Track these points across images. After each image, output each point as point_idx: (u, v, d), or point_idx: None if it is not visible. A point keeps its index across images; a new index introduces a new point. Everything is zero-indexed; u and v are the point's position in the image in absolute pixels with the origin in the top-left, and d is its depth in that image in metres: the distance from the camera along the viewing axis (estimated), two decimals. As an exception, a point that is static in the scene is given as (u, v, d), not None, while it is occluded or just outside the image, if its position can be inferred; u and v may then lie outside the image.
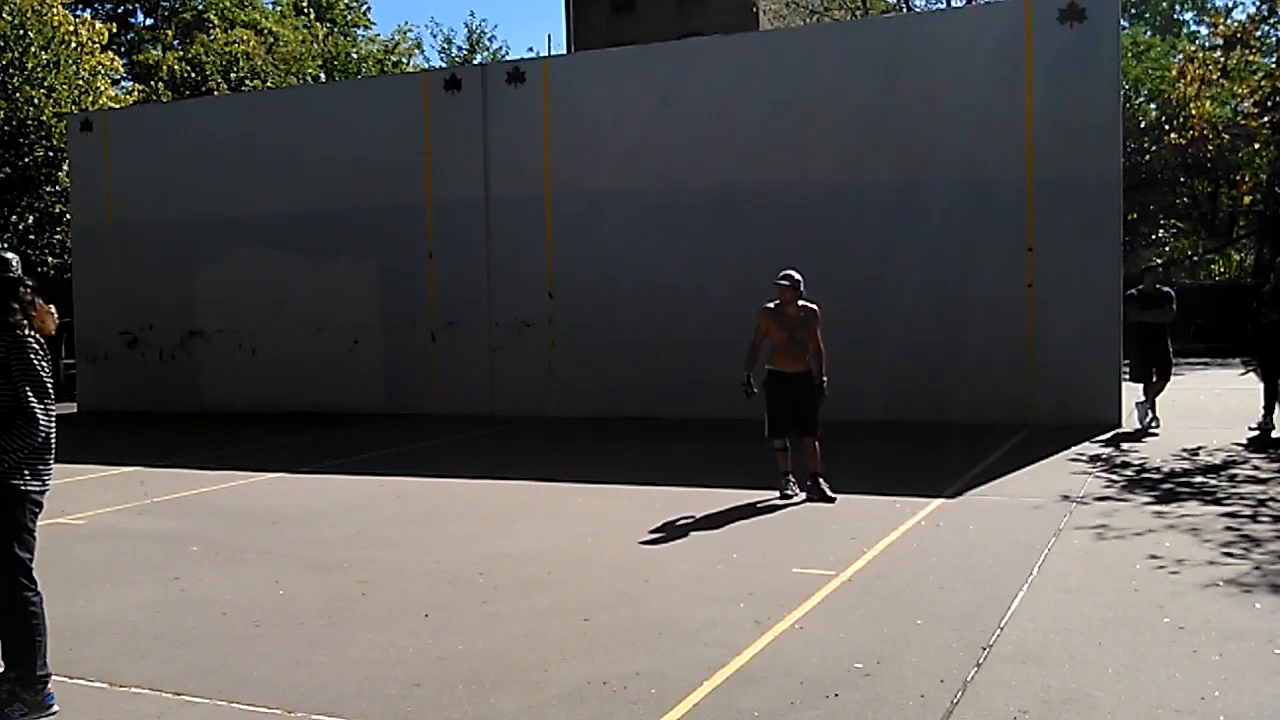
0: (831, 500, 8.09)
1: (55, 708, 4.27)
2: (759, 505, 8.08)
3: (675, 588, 5.90)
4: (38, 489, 4.25)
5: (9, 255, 4.33)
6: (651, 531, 7.33)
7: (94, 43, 27.48)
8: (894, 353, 12.82)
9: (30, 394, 4.12)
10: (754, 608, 5.40)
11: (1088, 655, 4.59)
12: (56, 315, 4.39)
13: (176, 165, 16.90)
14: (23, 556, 4.20)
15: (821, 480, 8.21)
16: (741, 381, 8.26)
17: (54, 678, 4.30)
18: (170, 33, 38.00)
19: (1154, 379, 11.90)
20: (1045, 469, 9.56)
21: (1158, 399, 11.94)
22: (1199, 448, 10.38)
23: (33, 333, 4.23)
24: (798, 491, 8.28)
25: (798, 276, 8.21)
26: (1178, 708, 4.01)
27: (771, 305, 8.26)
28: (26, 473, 4.19)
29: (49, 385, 4.22)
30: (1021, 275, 12.54)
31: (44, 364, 4.22)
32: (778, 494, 8.28)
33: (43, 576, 4.26)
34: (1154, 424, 11.70)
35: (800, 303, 8.21)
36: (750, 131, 13.67)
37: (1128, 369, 12.37)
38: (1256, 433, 10.72)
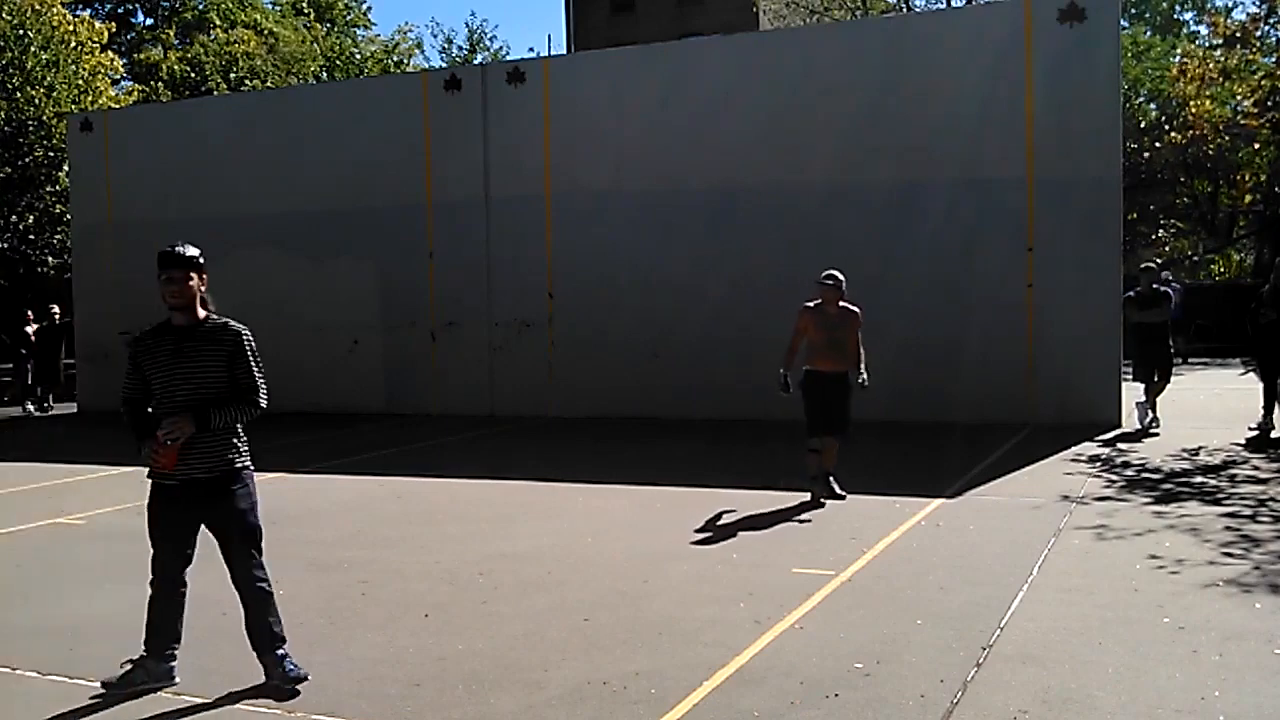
0: (841, 497, 8.12)
1: (177, 679, 4.44)
2: (759, 505, 8.08)
3: (675, 588, 5.90)
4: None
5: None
6: (651, 531, 7.34)
7: (94, 42, 27.51)
8: (894, 353, 12.77)
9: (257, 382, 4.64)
10: (754, 608, 5.40)
11: (1088, 655, 4.60)
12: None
13: (176, 165, 16.89)
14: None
15: (832, 478, 8.22)
16: (779, 379, 8.25)
17: (54, 677, 4.30)
18: (170, 33, 38.01)
19: (1155, 379, 11.91)
20: (1045, 469, 9.56)
21: (1158, 399, 11.94)
22: (1199, 448, 10.38)
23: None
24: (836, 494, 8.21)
25: (840, 277, 8.25)
26: (1178, 708, 4.01)
27: (812, 304, 8.27)
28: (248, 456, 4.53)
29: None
30: (1021, 275, 12.54)
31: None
32: (809, 496, 8.18)
33: (44, 576, 4.26)
34: (1154, 424, 11.70)
35: (841, 303, 8.24)
36: (750, 131, 13.65)
37: (1128, 369, 12.37)
38: (1256, 433, 10.72)
